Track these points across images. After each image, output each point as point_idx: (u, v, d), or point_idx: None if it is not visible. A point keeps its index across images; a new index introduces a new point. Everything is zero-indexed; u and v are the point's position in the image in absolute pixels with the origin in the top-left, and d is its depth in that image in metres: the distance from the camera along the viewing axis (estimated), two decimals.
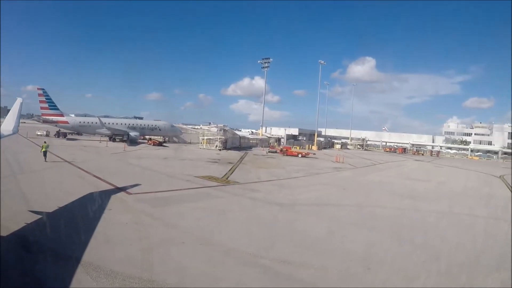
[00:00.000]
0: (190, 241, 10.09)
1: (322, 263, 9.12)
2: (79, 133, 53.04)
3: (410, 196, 21.02)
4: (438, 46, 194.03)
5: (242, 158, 40.24)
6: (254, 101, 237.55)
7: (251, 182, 22.45)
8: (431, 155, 78.20)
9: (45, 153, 24.86)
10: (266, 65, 76.17)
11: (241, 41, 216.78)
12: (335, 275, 8.42)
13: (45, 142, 27.01)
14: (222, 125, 55.86)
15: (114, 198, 14.79)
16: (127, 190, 16.39)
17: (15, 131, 14.40)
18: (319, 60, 79.52)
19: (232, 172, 26.51)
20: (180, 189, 18.03)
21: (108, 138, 50.03)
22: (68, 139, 49.52)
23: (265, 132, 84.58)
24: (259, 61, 77.97)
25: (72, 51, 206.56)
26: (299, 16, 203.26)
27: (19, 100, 16.64)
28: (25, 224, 10.02)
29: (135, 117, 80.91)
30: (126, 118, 66.02)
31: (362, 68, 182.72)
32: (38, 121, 50.96)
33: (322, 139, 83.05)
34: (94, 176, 19.74)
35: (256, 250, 9.66)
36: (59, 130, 51.45)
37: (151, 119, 69.34)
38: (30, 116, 74.60)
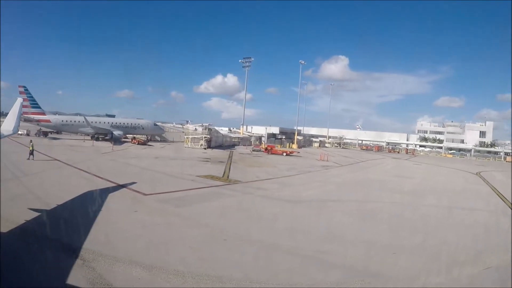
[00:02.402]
0: (230, 238, 10.77)
1: (353, 251, 10.29)
2: (58, 132, 50.81)
3: (403, 192, 23.02)
4: (410, 46, 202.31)
5: (230, 157, 40.73)
6: (226, 99, 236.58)
7: (252, 181, 23.19)
8: (407, 153, 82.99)
9: (31, 152, 24.83)
10: (248, 64, 76.98)
11: (213, 38, 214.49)
12: (370, 260, 9.57)
13: (31, 141, 27.12)
14: (207, 124, 55.95)
15: (132, 200, 14.97)
16: (141, 191, 16.46)
17: (15, 131, 14.44)
18: (300, 60, 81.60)
19: (229, 171, 27.08)
20: (191, 189, 18.38)
21: (90, 137, 48.45)
22: (50, 138, 47.32)
23: (246, 130, 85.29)
24: (240, 60, 78.72)
25: (41, 47, 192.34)
26: (271, 13, 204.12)
27: (19, 100, 16.42)
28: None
29: (107, 115, 78.54)
30: (98, 116, 64.08)
31: (335, 67, 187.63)
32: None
33: (301, 137, 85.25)
34: (98, 177, 19.43)
35: (292, 243, 10.63)
36: (40, 129, 49.08)
37: (122, 116, 67.83)
38: (5, 114, 69.54)
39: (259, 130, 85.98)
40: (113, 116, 79.10)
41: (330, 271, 8.73)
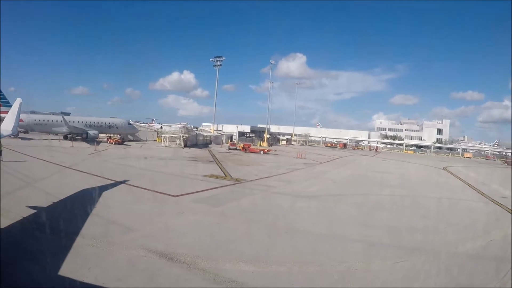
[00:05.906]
0: (288, 231, 12.17)
1: (389, 234, 12.32)
2: (26, 132, 46.75)
3: (394, 186, 26.17)
4: (366, 45, 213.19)
5: (213, 156, 41.36)
6: (183, 96, 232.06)
7: (255, 179, 24.30)
8: (370, 150, 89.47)
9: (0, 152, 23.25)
10: (219, 63, 77.19)
11: (169, 35, 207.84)
12: (405, 240, 11.72)
13: None
14: (185, 123, 55.75)
15: (168, 202, 15.34)
16: (167, 193, 16.74)
17: (15, 131, 14.39)
18: (271, 60, 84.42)
19: (227, 170, 27.94)
20: (210, 189, 19.00)
21: (63, 137, 45.60)
22: (23, 138, 43.46)
23: (216, 129, 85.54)
24: (211, 59, 78.78)
25: None
26: (228, 11, 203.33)
27: (18, 100, 16.14)
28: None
29: (62, 113, 73.68)
30: (54, 113, 60.30)
31: (293, 64, 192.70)
32: None
33: (269, 135, 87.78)
34: (111, 179, 19.09)
35: (337, 231, 12.41)
36: None
37: (77, 114, 64.43)
38: None
39: (229, 128, 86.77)
40: (68, 114, 74.26)
41: (383, 251, 10.64)
